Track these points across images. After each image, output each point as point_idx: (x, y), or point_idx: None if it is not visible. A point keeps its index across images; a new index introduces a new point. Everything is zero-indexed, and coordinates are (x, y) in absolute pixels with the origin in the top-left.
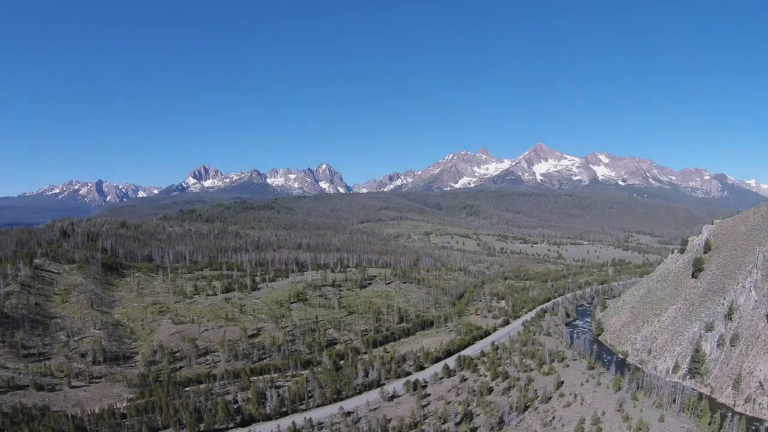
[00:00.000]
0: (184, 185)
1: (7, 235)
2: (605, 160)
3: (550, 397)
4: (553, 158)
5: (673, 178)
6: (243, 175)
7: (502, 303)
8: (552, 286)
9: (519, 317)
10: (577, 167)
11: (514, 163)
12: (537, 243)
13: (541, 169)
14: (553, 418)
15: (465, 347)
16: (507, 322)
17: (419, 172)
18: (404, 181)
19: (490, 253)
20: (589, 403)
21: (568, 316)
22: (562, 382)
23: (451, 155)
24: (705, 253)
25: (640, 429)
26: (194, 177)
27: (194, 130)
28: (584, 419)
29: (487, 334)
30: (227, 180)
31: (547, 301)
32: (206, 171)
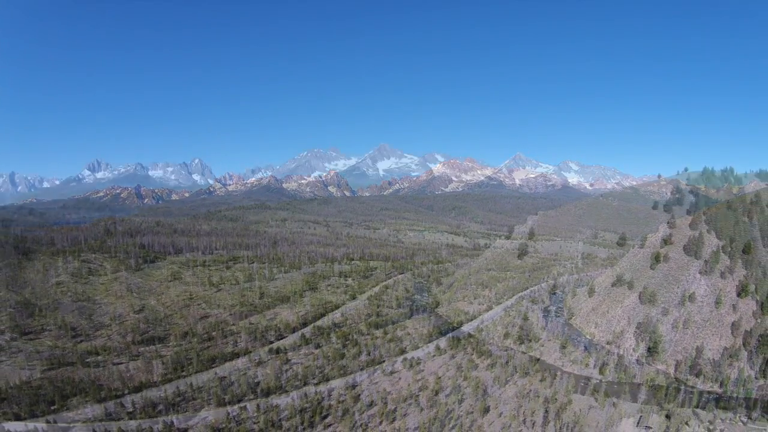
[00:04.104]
0: (212, 189)
1: (58, 233)
2: (575, 167)
3: (528, 373)
4: (530, 166)
5: (634, 183)
6: (262, 180)
7: (487, 291)
8: (529, 276)
9: (501, 303)
10: (551, 174)
11: (496, 171)
12: (517, 239)
13: (520, 175)
14: (530, 390)
15: (454, 329)
16: (490, 308)
17: (415, 178)
18: (401, 185)
19: (476, 247)
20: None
21: (543, 302)
22: (538, 360)
23: (442, 163)
24: (662, 247)
25: (606, 399)
26: (220, 182)
27: (220, 142)
28: (557, 391)
29: (473, 318)
30: (248, 185)
31: (525, 290)
32: (230, 177)
